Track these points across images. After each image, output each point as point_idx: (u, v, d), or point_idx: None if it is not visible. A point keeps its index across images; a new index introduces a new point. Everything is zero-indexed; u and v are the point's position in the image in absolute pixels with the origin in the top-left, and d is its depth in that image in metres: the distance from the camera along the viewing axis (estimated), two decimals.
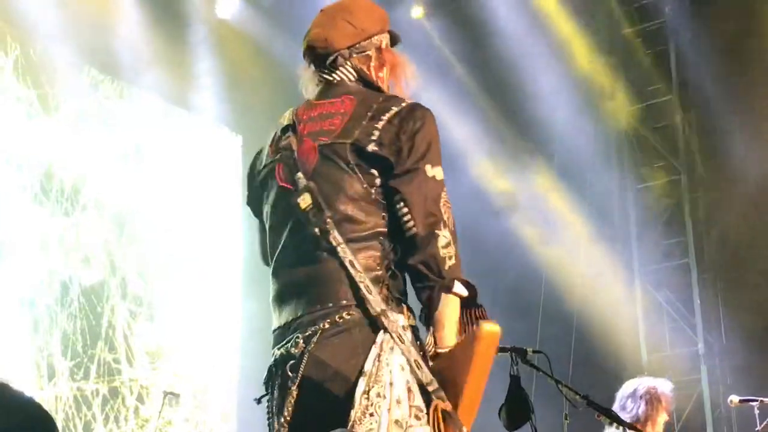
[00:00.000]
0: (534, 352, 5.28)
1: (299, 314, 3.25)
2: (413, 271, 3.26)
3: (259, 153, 3.58)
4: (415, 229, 3.22)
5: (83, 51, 9.90)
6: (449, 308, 3.21)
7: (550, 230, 11.58)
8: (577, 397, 5.36)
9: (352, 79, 3.46)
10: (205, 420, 10.04)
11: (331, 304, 3.18)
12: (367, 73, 3.48)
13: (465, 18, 11.57)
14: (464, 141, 11.65)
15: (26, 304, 9.12)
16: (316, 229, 3.21)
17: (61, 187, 9.65)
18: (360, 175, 3.27)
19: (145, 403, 9.89)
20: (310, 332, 3.17)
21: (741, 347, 11.01)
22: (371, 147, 3.25)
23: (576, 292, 11.34)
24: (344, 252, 3.18)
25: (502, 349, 5.23)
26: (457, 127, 11.68)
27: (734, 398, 7.12)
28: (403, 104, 3.33)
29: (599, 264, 11.62)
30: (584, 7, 11.67)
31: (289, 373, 3.17)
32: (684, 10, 11.57)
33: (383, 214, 3.29)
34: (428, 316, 3.23)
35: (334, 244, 3.19)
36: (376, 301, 3.14)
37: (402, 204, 3.25)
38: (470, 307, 3.29)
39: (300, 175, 3.28)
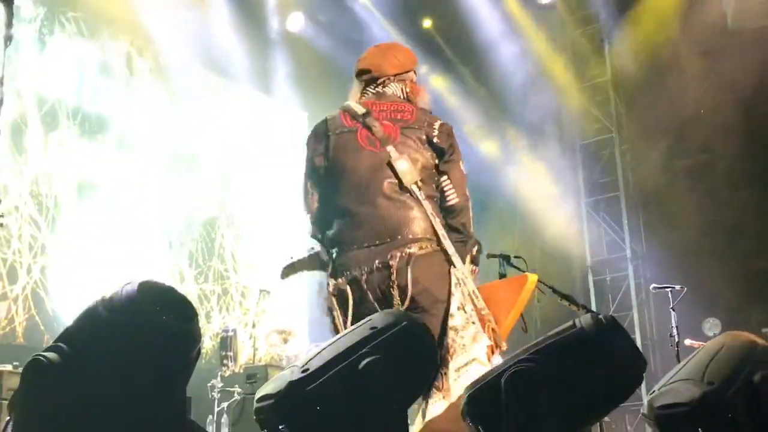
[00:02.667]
0: (515, 257, 5.33)
1: (388, 240, 3.32)
2: (453, 227, 3.48)
3: (325, 121, 3.59)
4: (456, 199, 3.49)
5: (195, 55, 9.94)
6: (473, 254, 3.53)
7: (523, 177, 11.56)
8: (546, 287, 5.40)
9: (399, 94, 3.62)
10: (285, 307, 10.17)
11: (420, 236, 3.33)
12: (408, 92, 3.64)
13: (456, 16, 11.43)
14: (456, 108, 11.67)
15: (164, 233, 9.27)
16: (411, 185, 3.36)
17: (184, 157, 9.75)
18: (427, 153, 3.46)
19: (246, 298, 10.04)
20: (405, 252, 3.29)
21: (656, 252, 11.08)
22: (435, 138, 3.49)
23: (539, 216, 11.39)
24: (426, 204, 3.37)
25: (493, 255, 5.31)
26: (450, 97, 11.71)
27: (654, 286, 7.15)
28: (442, 120, 3.59)
29: (556, 196, 11.64)
30: (542, 16, 11.53)
31: (392, 276, 3.27)
32: (613, 16, 11.46)
33: (434, 183, 3.49)
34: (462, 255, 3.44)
35: (421, 197, 3.36)
36: (448, 243, 3.38)
37: (448, 181, 3.50)
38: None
39: (390, 144, 3.41)
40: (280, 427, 2.03)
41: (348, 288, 3.33)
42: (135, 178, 9.00)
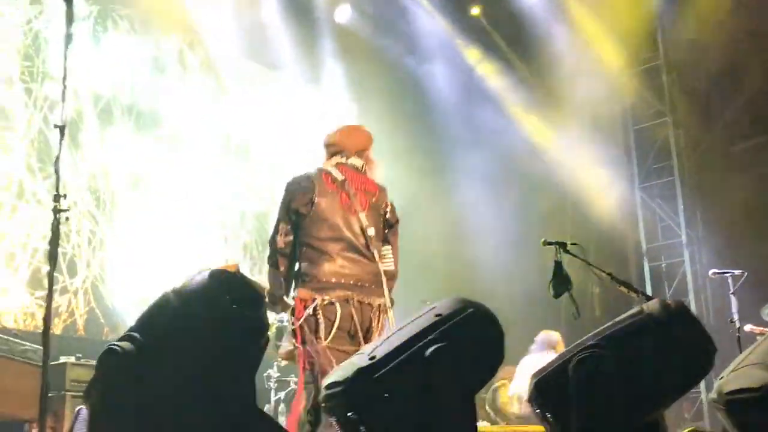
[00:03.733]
0: (572, 244, 5.27)
1: (357, 282, 4.12)
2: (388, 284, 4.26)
3: (309, 178, 4.33)
4: (392, 267, 4.31)
5: (246, 50, 10.02)
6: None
7: (575, 162, 11.43)
8: (603, 274, 5.34)
9: (359, 166, 4.43)
10: None
11: (379, 287, 4.16)
12: (365, 165, 4.48)
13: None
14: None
15: (218, 226, 9.37)
16: (369, 246, 4.18)
17: (236, 146, 9.85)
18: (381, 225, 4.33)
19: None
20: (376, 302, 4.15)
21: (712, 238, 10.90)
22: (388, 215, 4.38)
23: (592, 202, 11.27)
24: (380, 261, 4.21)
25: (549, 243, 5.26)
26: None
27: (713, 271, 6.97)
28: (389, 199, 4.46)
29: (609, 182, 11.51)
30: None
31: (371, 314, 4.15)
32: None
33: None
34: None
35: (376, 255, 4.20)
36: (387, 294, 4.18)
37: (390, 249, 4.36)
38: None
39: (362, 212, 4.23)
40: (348, 414, 2.05)
41: (337, 306, 4.07)
42: (188, 172, 9.11)
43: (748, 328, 6.74)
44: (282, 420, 7.41)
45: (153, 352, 1.87)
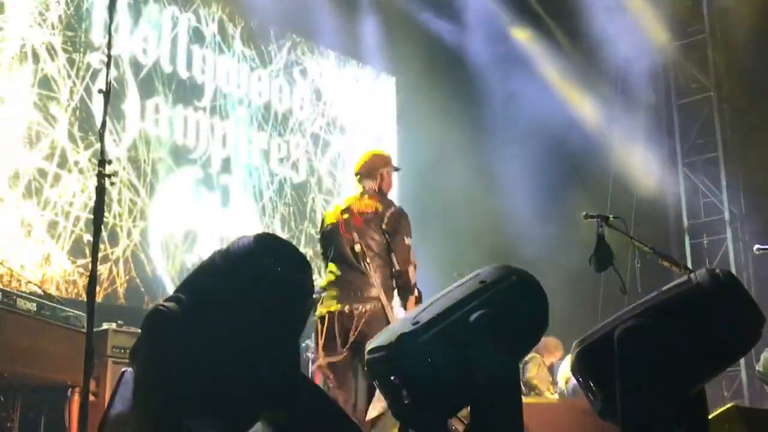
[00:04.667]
0: (614, 217, 5.23)
1: (351, 295, 4.98)
2: (398, 285, 5.06)
3: (324, 216, 5.46)
4: (398, 267, 5.06)
5: (285, 21, 10.00)
6: (416, 297, 4.98)
7: (617, 137, 11.29)
8: (645, 248, 5.30)
9: (372, 186, 5.37)
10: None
11: (371, 296, 4.95)
12: (379, 185, 5.38)
13: None
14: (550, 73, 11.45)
15: (258, 198, 9.42)
16: (364, 261, 5.01)
17: (275, 117, 9.87)
18: (378, 236, 5.09)
19: None
20: (363, 309, 4.93)
21: (755, 215, 10.75)
22: (384, 225, 5.10)
23: (634, 178, 11.15)
24: (374, 274, 4.97)
25: (591, 216, 5.22)
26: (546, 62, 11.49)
27: (758, 246, 6.87)
28: (393, 209, 5.21)
29: (651, 157, 11.38)
30: None
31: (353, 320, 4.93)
32: None
33: (388, 255, 5.07)
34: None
35: (371, 269, 4.98)
36: (386, 302, 4.92)
37: (393, 255, 5.07)
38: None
39: (356, 234, 5.09)
40: (391, 377, 2.05)
41: (326, 317, 4.95)
42: (228, 142, 9.15)
43: None
44: None
45: (198, 313, 1.88)
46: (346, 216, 5.21)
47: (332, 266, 5.14)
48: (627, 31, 10.92)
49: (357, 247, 5.05)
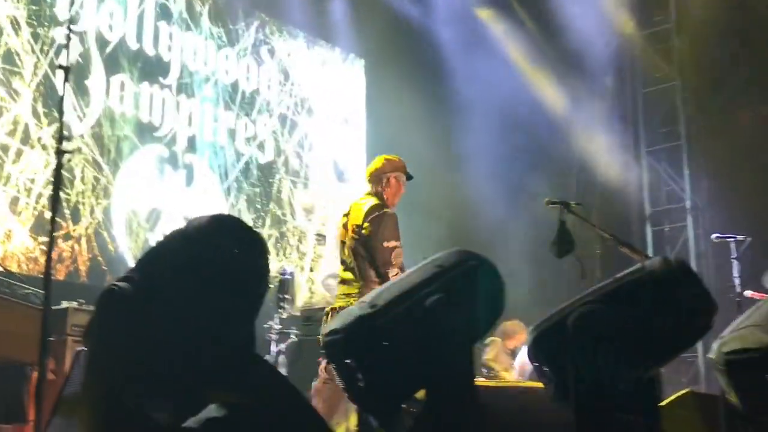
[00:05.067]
0: (576, 204, 5.26)
1: (354, 285, 5.38)
2: (379, 274, 5.26)
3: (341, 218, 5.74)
4: (378, 262, 5.28)
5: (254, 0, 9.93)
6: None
7: (582, 124, 11.36)
8: (606, 234, 5.34)
9: (375, 190, 5.64)
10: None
11: (355, 285, 5.36)
12: (383, 188, 5.63)
13: None
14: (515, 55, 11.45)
15: (223, 178, 9.36)
16: (349, 258, 5.46)
17: (242, 96, 9.80)
18: (358, 238, 5.39)
19: (302, 243, 10.12)
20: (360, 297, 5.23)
21: (716, 204, 10.86)
22: (363, 231, 5.37)
23: (598, 164, 11.24)
24: (356, 267, 5.39)
25: (554, 202, 5.25)
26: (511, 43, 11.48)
27: (716, 235, 6.97)
28: (373, 215, 5.38)
29: (615, 145, 11.46)
30: None
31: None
32: None
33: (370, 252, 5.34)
34: None
35: (354, 264, 5.40)
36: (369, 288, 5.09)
37: (374, 251, 5.32)
38: None
39: (349, 237, 5.47)
40: (346, 361, 2.05)
41: (329, 314, 5.37)
42: (194, 121, 9.07)
43: (748, 293, 6.75)
44: (283, 371, 7.46)
45: (151, 293, 1.87)
46: (344, 219, 5.60)
47: (340, 266, 5.60)
48: (592, 17, 10.96)
49: (346, 251, 5.48)
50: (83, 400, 1.88)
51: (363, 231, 5.36)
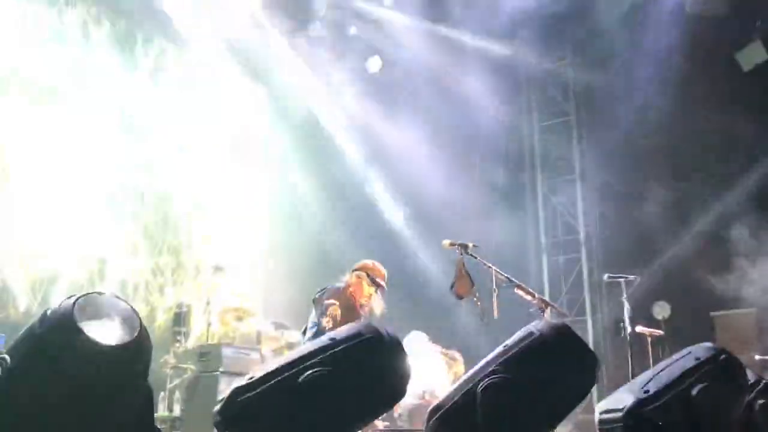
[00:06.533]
0: (474, 246, 5.27)
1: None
2: None
3: None
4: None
5: (151, 23, 9.66)
6: None
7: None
8: (501, 276, 5.32)
9: (347, 280, 6.06)
10: (240, 285, 10.02)
11: None
12: (351, 281, 6.01)
13: None
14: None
15: (118, 205, 9.04)
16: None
17: (138, 128, 9.44)
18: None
19: (200, 273, 9.84)
20: None
21: (609, 239, 11.10)
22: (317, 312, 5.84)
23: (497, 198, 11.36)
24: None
25: (452, 244, 5.25)
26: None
27: (608, 275, 6.96)
28: (325, 305, 5.63)
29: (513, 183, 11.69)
30: None
31: None
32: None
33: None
34: None
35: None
36: None
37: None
38: None
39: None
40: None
41: None
42: (89, 149, 8.74)
43: (639, 329, 6.85)
44: (178, 408, 7.22)
45: (18, 377, 1.75)
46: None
47: None
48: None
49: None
50: None
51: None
